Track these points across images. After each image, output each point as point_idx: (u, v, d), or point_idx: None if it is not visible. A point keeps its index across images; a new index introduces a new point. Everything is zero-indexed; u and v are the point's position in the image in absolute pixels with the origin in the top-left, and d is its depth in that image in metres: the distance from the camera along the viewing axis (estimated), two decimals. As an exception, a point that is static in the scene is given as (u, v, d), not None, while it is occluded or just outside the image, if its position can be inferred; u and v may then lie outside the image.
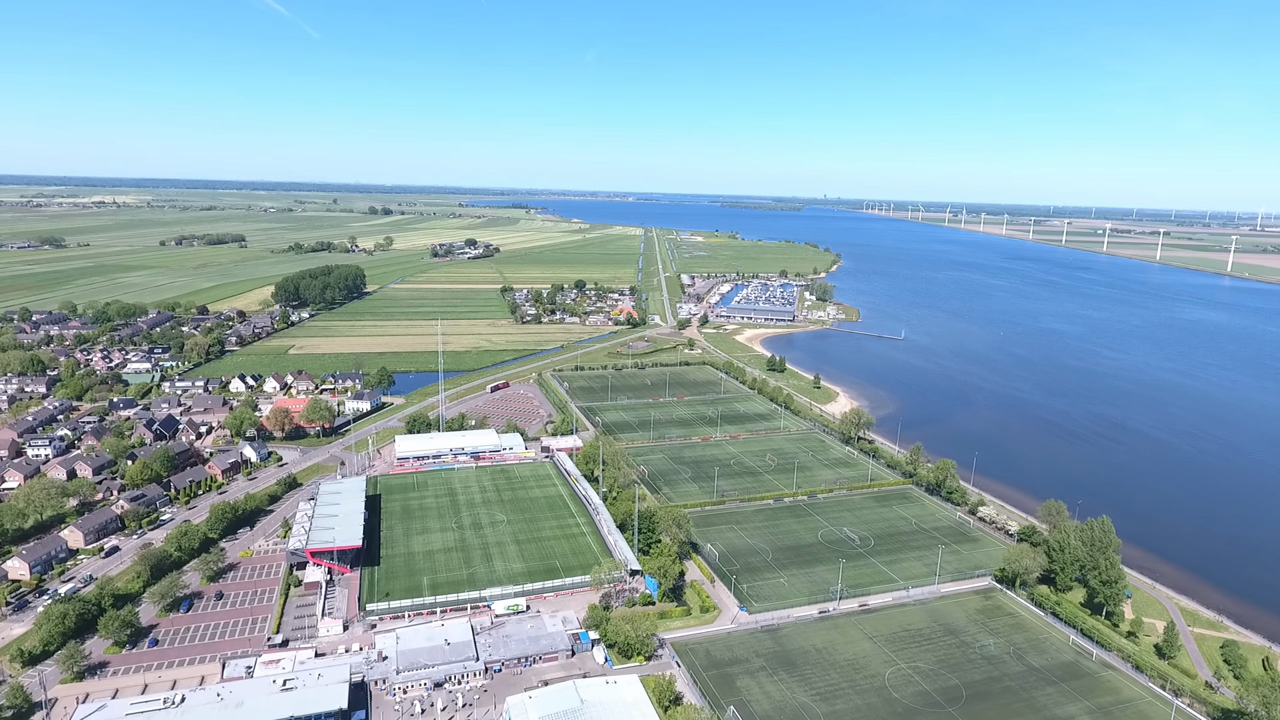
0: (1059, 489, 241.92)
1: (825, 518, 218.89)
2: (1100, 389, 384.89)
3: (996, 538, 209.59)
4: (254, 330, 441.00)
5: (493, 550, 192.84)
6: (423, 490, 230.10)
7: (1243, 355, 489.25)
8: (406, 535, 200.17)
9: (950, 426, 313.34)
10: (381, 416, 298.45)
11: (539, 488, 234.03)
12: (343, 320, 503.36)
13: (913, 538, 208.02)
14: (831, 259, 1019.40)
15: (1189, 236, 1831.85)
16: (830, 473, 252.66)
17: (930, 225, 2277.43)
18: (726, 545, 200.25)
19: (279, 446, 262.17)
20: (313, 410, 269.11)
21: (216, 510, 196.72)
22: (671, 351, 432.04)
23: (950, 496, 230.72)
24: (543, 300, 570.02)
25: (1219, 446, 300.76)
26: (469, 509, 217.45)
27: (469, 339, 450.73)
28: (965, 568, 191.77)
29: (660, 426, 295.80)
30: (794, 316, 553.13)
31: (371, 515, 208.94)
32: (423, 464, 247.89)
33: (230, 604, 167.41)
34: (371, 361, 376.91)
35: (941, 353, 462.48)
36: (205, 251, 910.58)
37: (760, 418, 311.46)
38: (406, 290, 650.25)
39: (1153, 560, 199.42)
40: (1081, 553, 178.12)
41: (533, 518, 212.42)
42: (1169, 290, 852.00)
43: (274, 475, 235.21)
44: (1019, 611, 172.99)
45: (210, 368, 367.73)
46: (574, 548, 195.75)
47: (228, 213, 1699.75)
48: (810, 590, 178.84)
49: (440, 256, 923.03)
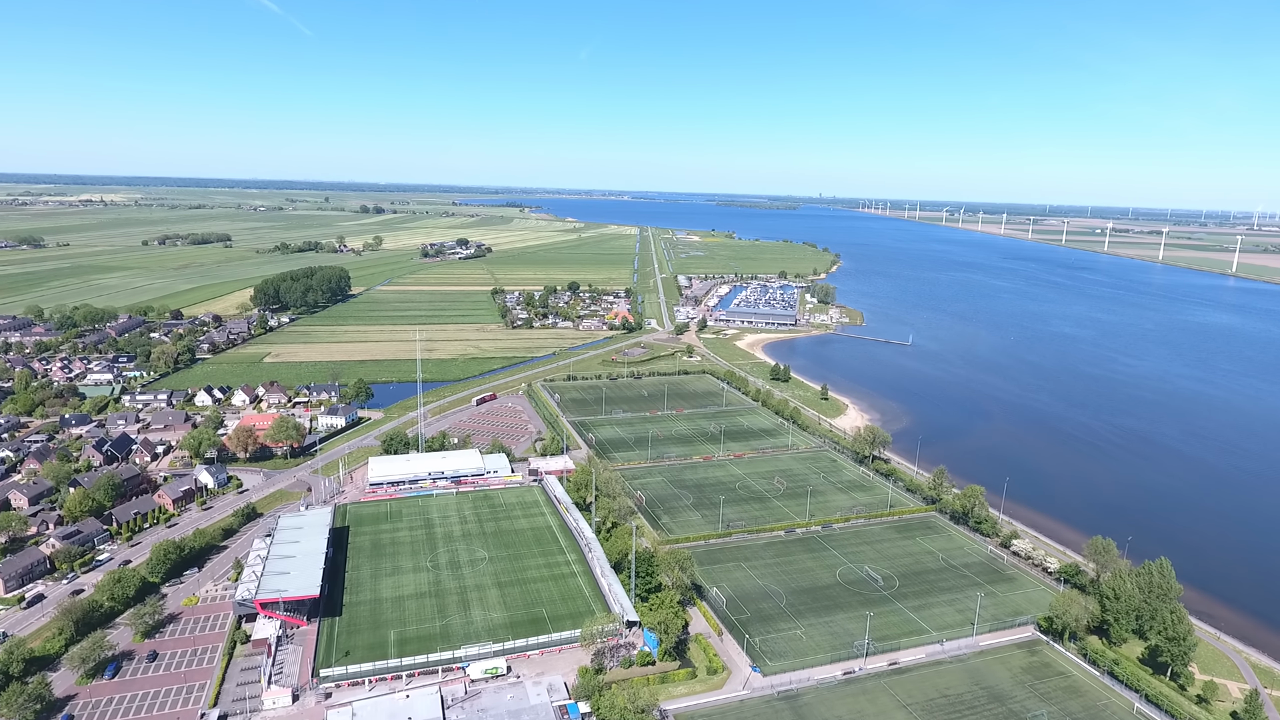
0: (1094, 516, 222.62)
1: (843, 553, 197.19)
2: (1122, 399, 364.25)
3: (1034, 576, 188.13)
4: (229, 336, 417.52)
5: (471, 596, 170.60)
6: (396, 521, 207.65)
7: (1263, 361, 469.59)
8: (375, 577, 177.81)
9: (969, 443, 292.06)
10: (357, 434, 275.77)
11: (525, 517, 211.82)
12: (324, 325, 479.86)
13: (941, 577, 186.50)
14: (831, 259, 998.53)
15: (1188, 236, 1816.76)
16: (845, 498, 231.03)
17: (927, 224, 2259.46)
18: (735, 587, 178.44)
19: (242, 470, 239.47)
20: (279, 429, 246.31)
21: (159, 550, 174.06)
22: (669, 359, 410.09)
23: (979, 527, 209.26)
24: (534, 303, 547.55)
25: (1259, 464, 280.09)
26: (447, 544, 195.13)
27: (456, 345, 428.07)
28: (1004, 614, 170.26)
29: (658, 444, 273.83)
30: (796, 320, 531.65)
31: (336, 552, 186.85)
32: (398, 490, 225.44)
33: (165, 666, 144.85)
34: (351, 370, 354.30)
35: (952, 359, 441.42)
36: (188, 251, 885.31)
37: (766, 434, 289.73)
38: (394, 293, 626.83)
39: (1211, 603, 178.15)
40: (1138, 601, 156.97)
41: (517, 554, 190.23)
42: (1176, 291, 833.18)
43: (232, 504, 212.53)
44: (1071, 670, 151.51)
45: (178, 378, 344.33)
46: (563, 592, 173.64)
47: (216, 211, 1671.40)
48: (832, 644, 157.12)
49: (430, 257, 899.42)
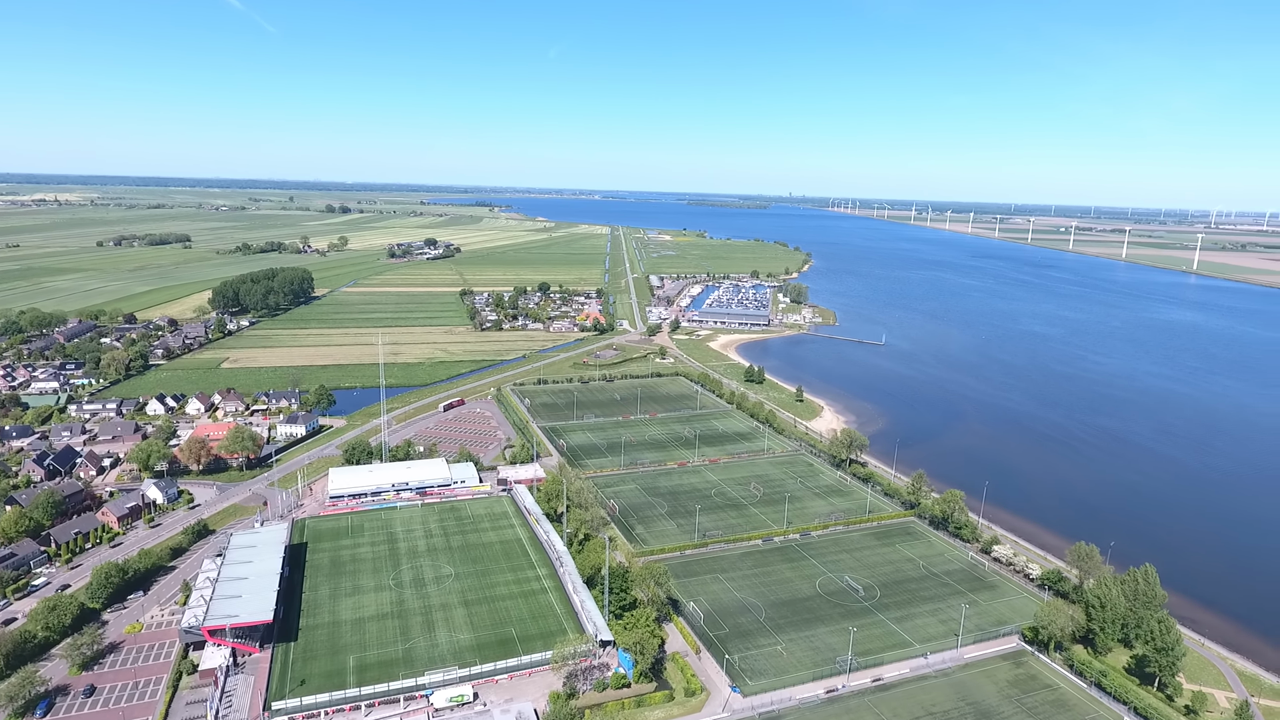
0: (1072, 519, 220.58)
1: (822, 562, 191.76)
2: (1093, 397, 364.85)
3: (1016, 583, 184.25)
4: (185, 341, 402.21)
5: (436, 616, 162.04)
6: (358, 536, 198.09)
7: (1227, 358, 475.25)
8: (334, 597, 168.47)
9: (945, 444, 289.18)
10: (318, 443, 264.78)
11: (494, 530, 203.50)
12: (286, 328, 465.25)
13: (923, 585, 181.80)
14: (803, 258, 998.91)
15: (1149, 234, 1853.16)
16: (823, 503, 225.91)
17: (897, 223, 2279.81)
18: (712, 601, 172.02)
19: (194, 483, 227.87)
20: (234, 439, 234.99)
21: (100, 573, 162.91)
22: (642, 361, 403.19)
23: (959, 533, 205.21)
24: (504, 305, 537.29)
25: (1229, 463, 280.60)
26: (411, 560, 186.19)
27: (423, 349, 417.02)
28: (987, 624, 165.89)
29: (631, 450, 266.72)
30: (769, 321, 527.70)
31: (293, 571, 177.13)
32: (360, 502, 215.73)
33: (103, 702, 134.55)
34: (313, 376, 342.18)
35: (925, 359, 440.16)
36: (146, 252, 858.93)
37: (741, 437, 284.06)
38: (359, 294, 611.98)
39: (1194, 608, 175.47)
40: (1124, 609, 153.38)
41: (485, 570, 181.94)
42: (1140, 289, 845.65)
43: (181, 521, 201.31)
44: (1057, 683, 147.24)
45: (129, 386, 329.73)
46: (533, 609, 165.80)
47: (176, 211, 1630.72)
48: (813, 660, 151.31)
49: (398, 257, 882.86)
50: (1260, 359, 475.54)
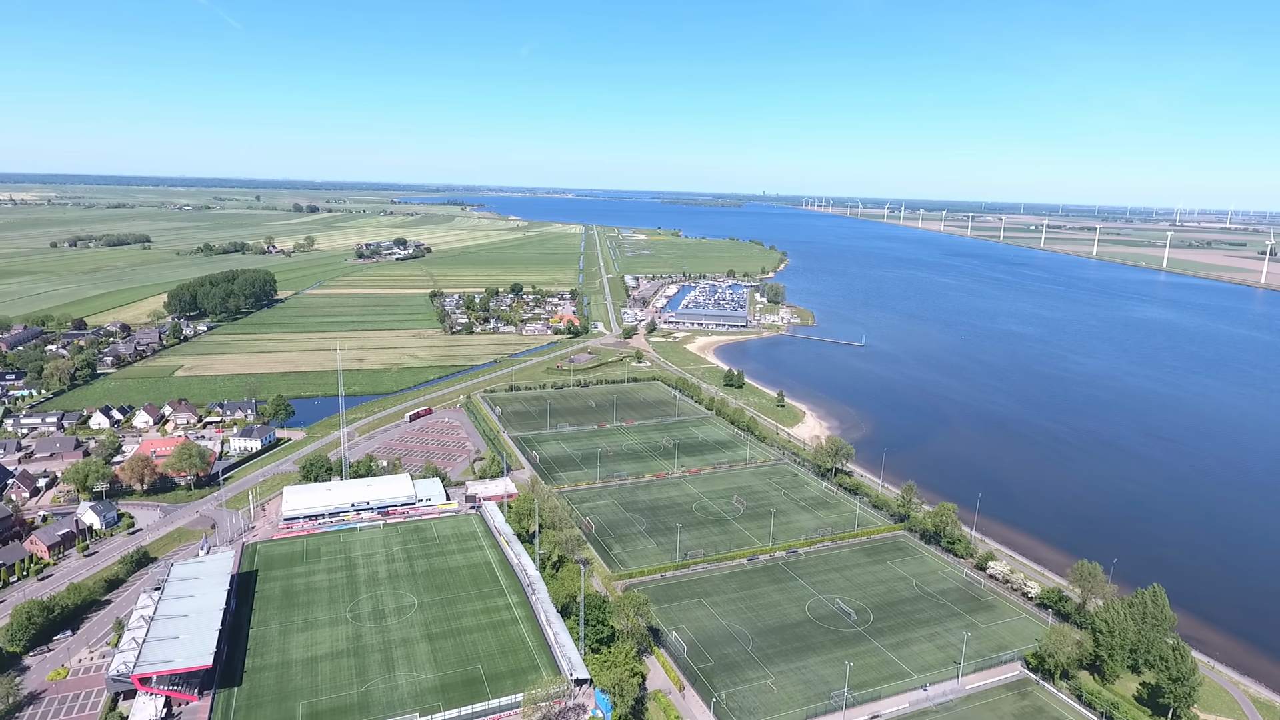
0: (1065, 530, 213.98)
1: (811, 582, 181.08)
2: (1077, 399, 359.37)
3: (1015, 603, 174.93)
4: (137, 348, 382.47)
5: (397, 653, 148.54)
6: (313, 562, 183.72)
7: (1205, 357, 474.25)
8: (284, 633, 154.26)
9: (930, 450, 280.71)
10: (274, 458, 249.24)
11: (461, 552, 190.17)
12: (245, 333, 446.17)
13: (918, 607, 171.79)
14: (779, 257, 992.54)
15: (1117, 232, 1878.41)
16: (809, 517, 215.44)
17: (870, 221, 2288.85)
18: (696, 629, 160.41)
19: (138, 504, 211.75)
20: (181, 456, 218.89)
21: (21, 612, 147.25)
22: (618, 365, 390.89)
23: (952, 548, 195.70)
24: (475, 307, 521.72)
25: (1219, 467, 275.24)
26: (370, 588, 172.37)
27: (390, 354, 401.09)
28: (987, 649, 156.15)
29: (608, 461, 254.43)
30: (746, 322, 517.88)
31: (240, 604, 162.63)
32: (316, 524, 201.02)
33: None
34: (272, 384, 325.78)
35: (906, 360, 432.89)
36: (102, 254, 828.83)
37: (722, 446, 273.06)
38: (324, 297, 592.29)
39: (1200, 627, 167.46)
40: (1134, 634, 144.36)
41: (451, 598, 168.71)
42: (1113, 287, 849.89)
43: (120, 548, 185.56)
44: (1066, 716, 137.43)
45: (73, 397, 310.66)
46: (503, 643, 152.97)
47: (137, 210, 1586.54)
48: (806, 695, 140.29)
49: (366, 258, 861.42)
50: (1237, 357, 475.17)
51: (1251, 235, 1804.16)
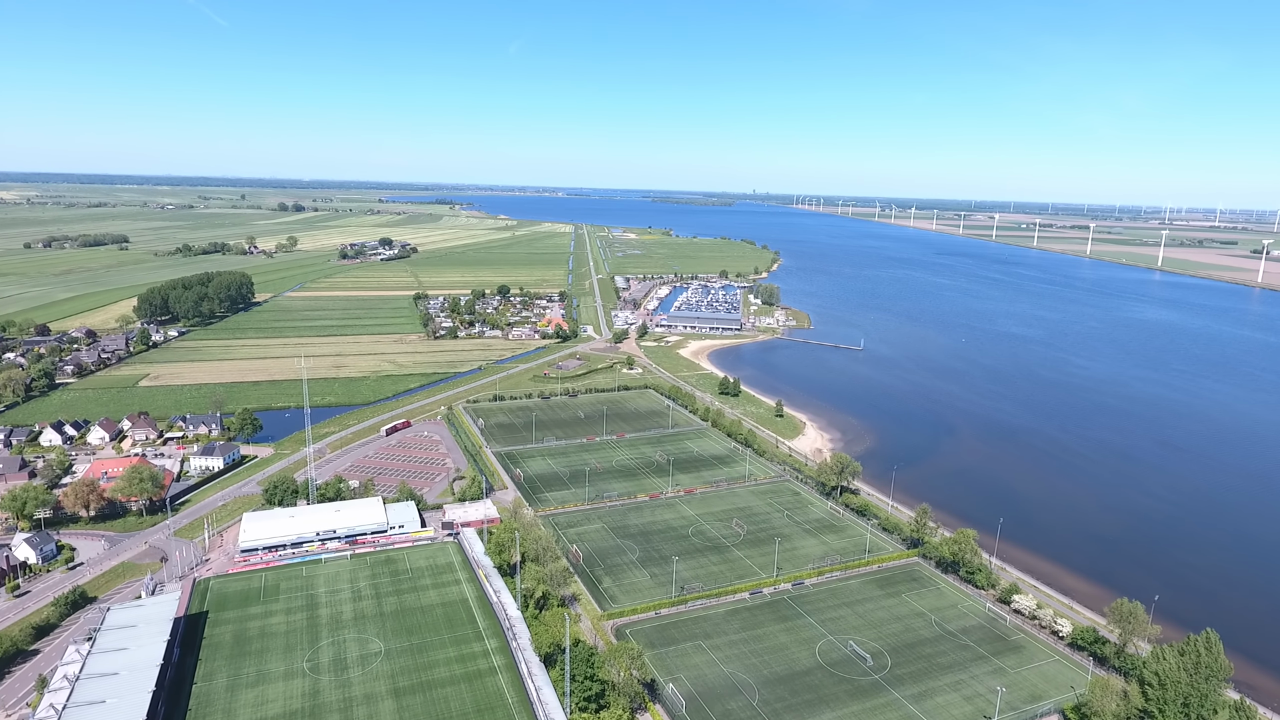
0: (1092, 555, 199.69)
1: (820, 620, 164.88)
2: (1086, 406, 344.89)
3: (1044, 643, 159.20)
4: (101, 356, 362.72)
5: (358, 713, 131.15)
6: (270, 600, 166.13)
7: (1211, 359, 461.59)
8: (232, 689, 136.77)
9: (940, 466, 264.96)
10: (237, 478, 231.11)
11: (436, 588, 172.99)
12: (218, 339, 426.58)
13: (938, 649, 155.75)
14: (771, 257, 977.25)
15: (1109, 231, 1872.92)
16: (815, 543, 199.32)
17: (860, 220, 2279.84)
18: (695, 679, 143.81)
19: (82, 534, 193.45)
20: (131, 480, 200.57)
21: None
22: (608, 372, 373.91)
23: (972, 578, 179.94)
24: (460, 310, 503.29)
25: (1242, 480, 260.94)
26: (333, 632, 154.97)
27: (370, 360, 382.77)
28: (1019, 699, 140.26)
29: (597, 479, 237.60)
30: (741, 325, 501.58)
31: (185, 654, 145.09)
32: (278, 555, 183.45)
33: None
34: (242, 395, 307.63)
35: (907, 365, 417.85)
36: (77, 255, 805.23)
37: (719, 461, 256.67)
38: (304, 299, 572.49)
39: (1253, 671, 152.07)
40: (1186, 685, 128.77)
41: (423, 644, 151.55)
42: (1109, 286, 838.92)
43: (55, 587, 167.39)
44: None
45: (27, 410, 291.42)
46: (479, 700, 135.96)
47: (119, 210, 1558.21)
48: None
49: (350, 258, 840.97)
50: (1244, 359, 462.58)
51: (1241, 234, 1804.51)
